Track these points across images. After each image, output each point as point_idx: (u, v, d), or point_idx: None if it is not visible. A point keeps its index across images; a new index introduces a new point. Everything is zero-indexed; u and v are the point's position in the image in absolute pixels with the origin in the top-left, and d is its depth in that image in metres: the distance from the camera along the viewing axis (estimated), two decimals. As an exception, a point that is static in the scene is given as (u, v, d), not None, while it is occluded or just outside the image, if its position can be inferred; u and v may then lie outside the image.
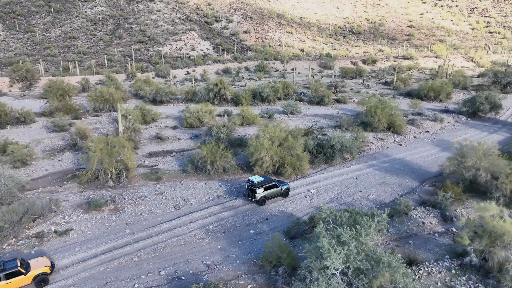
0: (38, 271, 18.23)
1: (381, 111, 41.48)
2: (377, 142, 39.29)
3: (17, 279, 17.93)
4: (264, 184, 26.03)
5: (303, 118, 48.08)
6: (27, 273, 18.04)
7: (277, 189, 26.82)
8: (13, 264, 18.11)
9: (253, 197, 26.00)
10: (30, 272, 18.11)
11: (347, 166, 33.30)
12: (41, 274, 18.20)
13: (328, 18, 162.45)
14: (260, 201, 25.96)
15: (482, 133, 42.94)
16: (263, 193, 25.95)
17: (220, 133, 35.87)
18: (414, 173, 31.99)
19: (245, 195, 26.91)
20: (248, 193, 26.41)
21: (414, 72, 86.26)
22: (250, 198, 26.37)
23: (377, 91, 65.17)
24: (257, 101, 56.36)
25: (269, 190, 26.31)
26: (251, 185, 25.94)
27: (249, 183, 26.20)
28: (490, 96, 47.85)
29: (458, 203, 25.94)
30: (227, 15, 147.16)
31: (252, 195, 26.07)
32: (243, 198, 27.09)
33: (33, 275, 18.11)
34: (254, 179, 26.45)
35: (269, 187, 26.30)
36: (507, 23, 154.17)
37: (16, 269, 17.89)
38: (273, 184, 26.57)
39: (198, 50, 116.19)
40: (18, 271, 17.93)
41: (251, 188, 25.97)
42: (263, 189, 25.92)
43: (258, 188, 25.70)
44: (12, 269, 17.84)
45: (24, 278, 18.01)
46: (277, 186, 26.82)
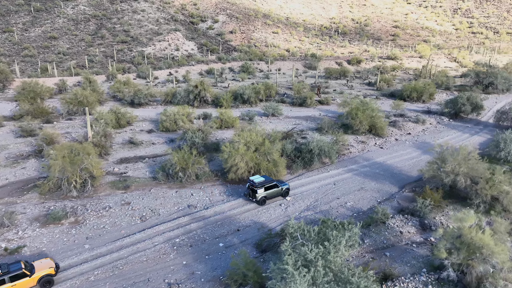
0: (43, 272, 18.07)
1: (362, 113, 40.39)
2: (358, 145, 38.16)
3: (22, 281, 17.77)
4: (265, 184, 25.94)
5: (284, 120, 46.76)
6: (32, 275, 17.91)
7: (277, 189, 26.73)
8: (18, 267, 17.87)
9: (253, 197, 25.92)
10: (35, 274, 17.97)
11: (326, 171, 32.03)
12: (46, 276, 18.07)
13: (314, 18, 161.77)
14: (261, 201, 25.85)
15: (463, 135, 42.21)
16: (263, 193, 25.88)
17: (195, 137, 34.26)
18: (394, 177, 30.89)
19: (245, 195, 26.78)
20: (249, 193, 26.27)
21: (398, 73, 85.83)
22: (250, 198, 26.27)
23: (361, 92, 64.27)
24: (238, 103, 54.84)
25: (269, 190, 26.22)
26: (252, 185, 25.82)
27: (250, 183, 26.06)
28: (472, 97, 47.22)
29: (438, 210, 24.86)
30: (213, 15, 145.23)
31: (252, 195, 25.97)
32: (244, 197, 26.95)
33: (38, 276, 17.96)
34: (255, 179, 26.24)
35: (270, 187, 26.22)
36: (489, 24, 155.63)
37: (20, 271, 17.68)
38: (273, 184, 26.47)
39: (183, 50, 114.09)
40: (23, 273, 17.75)
41: (252, 188, 25.85)
42: (263, 189, 25.85)
43: (259, 188, 25.58)
44: (16, 272, 17.63)
45: (29, 280, 17.86)
46: (277, 186, 26.73)
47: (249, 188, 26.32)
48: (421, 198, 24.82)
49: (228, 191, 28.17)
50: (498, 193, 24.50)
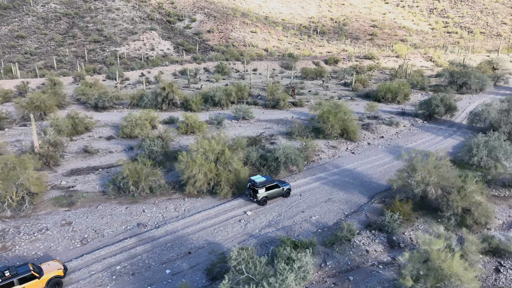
0: (51, 274, 17.77)
1: (333, 116, 38.40)
2: (329, 151, 36.15)
3: (31, 283, 17.40)
4: (266, 184, 25.59)
5: (255, 124, 44.41)
6: (40, 277, 17.55)
7: (278, 189, 26.33)
8: (26, 269, 17.57)
9: (254, 197, 25.57)
10: (44, 276, 17.64)
11: (293, 180, 29.82)
12: (55, 277, 17.77)
13: (294, 17, 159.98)
14: (262, 201, 25.61)
15: (437, 138, 40.79)
16: (264, 193, 25.55)
17: (153, 145, 31.51)
18: (364, 186, 28.95)
19: (246, 195, 26.34)
20: (250, 193, 25.89)
21: (375, 72, 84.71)
22: (251, 198, 25.91)
23: (336, 93, 62.54)
24: (208, 106, 52.19)
25: (270, 190, 25.86)
26: (253, 185, 25.43)
27: (251, 183, 25.71)
28: (445, 98, 45.97)
29: (407, 224, 22.98)
30: (190, 14, 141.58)
31: (253, 195, 25.60)
32: (246, 198, 26.49)
33: (47, 278, 17.64)
34: (256, 179, 25.87)
35: (271, 187, 25.85)
36: (464, 24, 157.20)
37: (29, 273, 17.37)
38: (274, 184, 26.11)
39: (158, 50, 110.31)
40: (32, 275, 17.41)
41: (253, 188, 25.47)
42: (264, 189, 25.50)
43: (260, 188, 25.24)
44: (25, 274, 17.29)
45: (38, 282, 17.52)
46: (278, 187, 26.32)
47: (250, 188, 25.85)
48: (390, 211, 22.90)
49: (185, 206, 25.63)
50: (470, 203, 22.81)
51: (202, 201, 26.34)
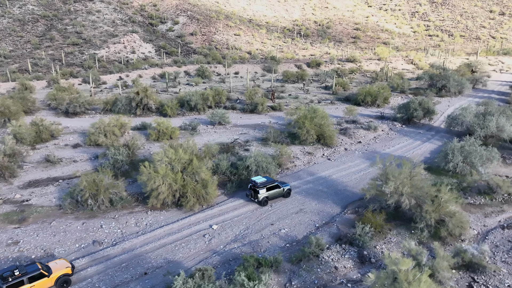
0: (60, 272, 17.85)
1: (310, 121, 37.18)
2: (304, 157, 34.88)
3: (41, 282, 17.44)
4: (267, 184, 25.60)
5: (231, 130, 42.91)
6: (49, 275, 17.59)
7: (279, 190, 26.31)
8: (35, 267, 17.60)
9: (255, 197, 25.57)
10: (53, 274, 17.70)
11: (265, 190, 28.38)
12: (63, 276, 17.85)
13: (278, 20, 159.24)
14: (263, 201, 25.55)
15: (415, 142, 39.96)
16: (265, 193, 25.54)
17: (117, 154, 29.71)
18: (337, 195, 27.72)
19: (247, 195, 26.33)
20: (251, 194, 25.87)
21: (357, 75, 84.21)
22: (252, 198, 25.89)
23: (316, 96, 61.53)
24: (185, 111, 50.50)
25: (271, 190, 25.85)
26: (254, 185, 25.39)
27: (252, 183, 25.70)
28: (424, 101, 45.31)
29: (380, 237, 21.78)
30: (173, 16, 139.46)
31: (254, 195, 25.60)
32: (247, 198, 26.46)
33: (55, 276, 17.70)
34: (257, 179, 25.90)
35: (272, 187, 25.84)
36: (444, 27, 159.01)
37: (38, 271, 17.42)
38: (275, 185, 26.10)
39: (139, 53, 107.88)
40: (41, 273, 17.48)
41: (254, 189, 25.44)
42: (265, 189, 25.47)
43: (260, 189, 25.21)
44: (34, 272, 17.33)
45: (47, 280, 17.57)
46: (279, 187, 26.33)
47: (250, 188, 25.82)
48: (361, 224, 21.68)
49: (147, 220, 23.94)
50: (444, 214, 21.76)
51: (166, 215, 24.69)
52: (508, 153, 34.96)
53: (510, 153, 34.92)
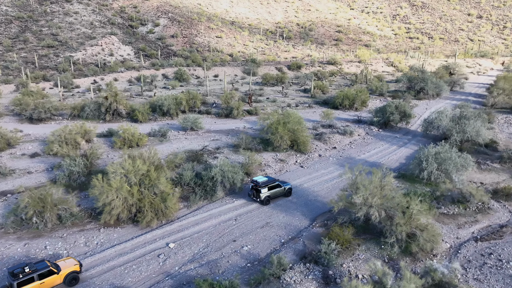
0: (69, 269, 18.04)
1: (283, 127, 35.57)
2: (276, 165, 33.23)
3: (50, 279, 17.64)
4: (269, 184, 25.70)
5: (203, 136, 40.96)
6: (59, 272, 17.79)
7: (280, 189, 26.44)
8: (44, 265, 17.80)
9: (257, 197, 25.60)
10: (62, 271, 17.89)
11: (231, 202, 26.61)
12: (72, 273, 18.03)
13: (260, 22, 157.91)
14: (265, 200, 25.64)
15: (391, 147, 38.80)
16: (267, 192, 25.63)
17: (73, 165, 27.46)
18: (307, 206, 26.12)
19: (249, 195, 26.41)
20: (253, 193, 25.96)
21: (337, 78, 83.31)
22: (254, 198, 25.97)
23: (294, 100, 60.12)
24: (157, 116, 48.31)
25: (273, 189, 25.97)
26: (256, 185, 25.43)
27: (254, 183, 25.77)
28: (400, 105, 44.30)
29: (347, 253, 20.22)
30: (154, 18, 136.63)
31: (256, 195, 25.67)
32: (248, 198, 26.57)
33: (65, 273, 17.89)
34: (259, 179, 26.01)
35: (273, 186, 25.97)
36: (424, 30, 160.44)
37: (48, 268, 17.62)
38: (276, 184, 26.22)
39: (118, 55, 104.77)
40: (50, 270, 17.67)
41: (256, 188, 25.52)
42: (267, 188, 25.56)
43: (262, 188, 25.29)
44: (44, 269, 17.55)
45: (57, 277, 17.77)
46: (280, 186, 26.41)
47: (252, 188, 25.86)
48: (328, 240, 20.10)
49: (99, 239, 21.84)
50: (415, 227, 20.36)
51: (120, 232, 22.64)
52: (483, 158, 34.06)
53: (485, 158, 34.02)
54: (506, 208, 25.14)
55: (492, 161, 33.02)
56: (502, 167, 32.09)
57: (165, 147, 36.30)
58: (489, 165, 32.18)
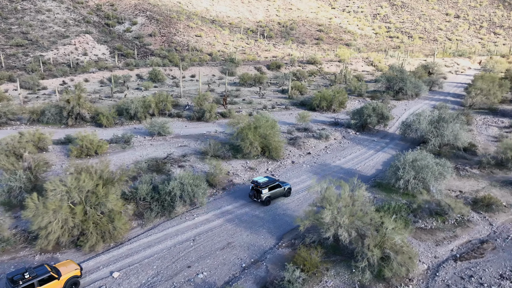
0: (70, 274, 17.20)
1: (253, 132, 32.97)
2: (245, 174, 30.65)
3: (50, 284, 16.71)
4: (269, 184, 25.34)
5: (171, 142, 38.01)
6: (60, 278, 16.92)
7: (280, 189, 26.09)
8: (44, 270, 16.96)
9: (258, 197, 25.25)
10: (63, 276, 17.02)
11: (191, 219, 23.89)
12: (73, 277, 17.21)
13: (241, 21, 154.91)
14: (266, 201, 25.27)
15: (368, 152, 36.75)
16: (268, 193, 25.27)
17: (12, 180, 24.21)
18: (275, 222, 23.65)
19: (250, 196, 25.92)
20: (254, 194, 25.56)
21: (316, 78, 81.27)
22: (255, 198, 25.56)
23: (271, 101, 57.66)
24: (124, 120, 45.03)
25: (273, 190, 25.59)
26: (257, 185, 25.06)
27: (254, 183, 25.37)
28: (378, 107, 42.34)
29: (314, 280, 17.81)
30: (131, 16, 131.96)
31: (257, 195, 25.30)
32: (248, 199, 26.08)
33: (65, 278, 17.03)
34: (259, 179, 25.67)
35: (274, 187, 25.58)
36: (404, 29, 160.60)
37: (48, 274, 16.76)
38: (277, 184, 25.84)
39: (92, 55, 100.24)
40: (51, 276, 16.81)
41: (256, 189, 25.18)
42: (268, 189, 25.19)
43: (263, 189, 24.94)
44: (44, 275, 16.64)
45: (57, 282, 16.88)
46: (280, 186, 26.08)
47: (253, 189, 25.46)
48: (292, 265, 17.65)
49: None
50: (390, 248, 18.12)
51: (59, 259, 19.61)
52: (462, 163, 32.31)
53: (464, 163, 32.28)
54: (487, 220, 23.27)
55: (471, 167, 31.28)
56: (481, 172, 30.37)
57: (127, 155, 33.30)
58: (468, 171, 30.41)
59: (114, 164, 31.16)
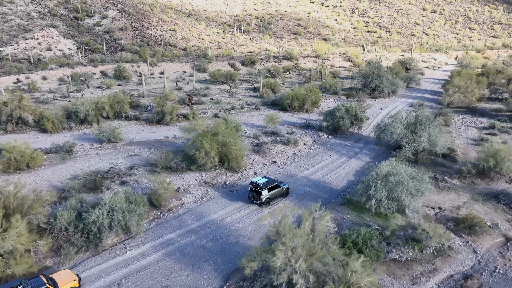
0: (67, 285, 15.82)
1: (209, 140, 28.56)
2: (198, 190, 26.27)
3: None
4: (268, 185, 24.22)
5: (121, 150, 33.19)
6: None
7: (279, 189, 25.02)
8: (39, 282, 15.44)
9: (258, 199, 24.05)
10: None
11: (121, 253, 19.42)
12: None
13: (218, 15, 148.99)
14: (266, 202, 24.08)
15: (340, 158, 32.93)
16: (268, 194, 24.15)
17: None
18: (224, 255, 19.47)
19: (249, 198, 24.64)
20: (253, 196, 24.33)
21: (292, 75, 77.17)
22: (254, 200, 24.31)
23: (241, 100, 53.24)
24: (73, 124, 39.84)
25: (273, 190, 24.48)
26: (256, 187, 23.92)
27: (253, 185, 24.17)
28: (351, 108, 38.55)
29: None
30: (102, 10, 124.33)
31: (257, 197, 24.11)
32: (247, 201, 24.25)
33: None
34: (258, 180, 24.57)
35: (273, 187, 24.49)
36: (382, 23, 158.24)
37: (45, 286, 15.29)
38: (276, 185, 24.74)
39: (57, 50, 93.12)
40: None
41: (256, 190, 24.02)
42: (267, 190, 24.06)
43: (263, 190, 23.82)
44: (40, 287, 15.19)
45: None
46: (279, 187, 24.99)
47: (252, 190, 24.34)
48: (232, 327, 13.51)
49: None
50: (356, 296, 14.24)
51: None
52: (440, 172, 28.89)
53: (443, 172, 28.86)
54: (470, 246, 19.76)
55: (451, 176, 27.87)
56: (462, 183, 27.00)
57: (65, 168, 28.43)
58: (448, 182, 26.98)
59: (47, 180, 26.43)
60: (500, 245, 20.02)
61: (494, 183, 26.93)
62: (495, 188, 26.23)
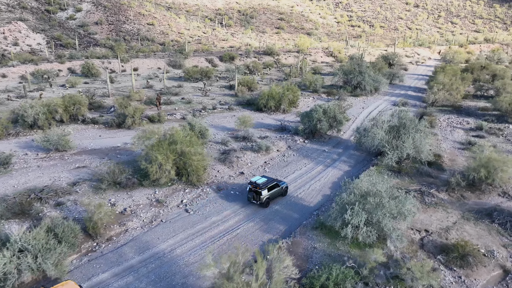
0: None
1: (166, 150, 24.36)
2: (148, 212, 22.08)
3: None
4: (268, 184, 22.81)
5: (69, 160, 28.66)
6: None
7: (278, 189, 23.57)
8: None
9: (258, 199, 22.60)
10: None
11: (34, 305, 15.24)
12: None
13: (199, 9, 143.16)
14: (265, 202, 22.68)
15: (316, 167, 29.16)
16: (267, 194, 22.70)
17: None
18: (165, 302, 15.48)
19: (248, 198, 23.15)
20: (253, 196, 22.80)
21: (272, 71, 73.05)
22: (254, 201, 22.83)
23: (215, 100, 48.93)
24: (20, 129, 34.96)
25: (272, 190, 23.04)
26: (255, 187, 22.47)
27: (252, 185, 22.69)
28: (330, 109, 34.78)
29: None
30: (76, 2, 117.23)
31: (257, 197, 22.63)
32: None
33: None
34: (258, 180, 23.11)
35: (272, 187, 23.04)
36: (366, 18, 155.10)
37: None
38: (275, 184, 23.28)
39: (24, 45, 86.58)
40: None
41: (255, 190, 22.55)
42: (267, 190, 22.62)
43: (263, 190, 22.38)
44: None
45: None
46: (278, 186, 23.54)
47: (251, 190, 22.86)
48: None
49: None
50: None
51: None
52: (426, 183, 25.43)
53: (429, 184, 25.41)
54: (463, 283, 16.27)
55: (438, 189, 24.43)
56: (450, 198, 23.59)
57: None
58: (435, 197, 23.52)
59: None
60: (498, 280, 16.62)
61: (486, 197, 23.61)
62: (487, 203, 22.91)
